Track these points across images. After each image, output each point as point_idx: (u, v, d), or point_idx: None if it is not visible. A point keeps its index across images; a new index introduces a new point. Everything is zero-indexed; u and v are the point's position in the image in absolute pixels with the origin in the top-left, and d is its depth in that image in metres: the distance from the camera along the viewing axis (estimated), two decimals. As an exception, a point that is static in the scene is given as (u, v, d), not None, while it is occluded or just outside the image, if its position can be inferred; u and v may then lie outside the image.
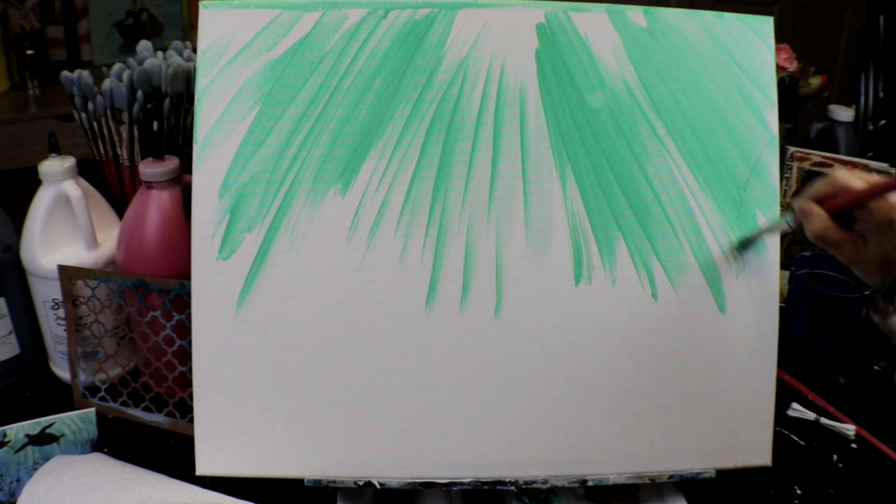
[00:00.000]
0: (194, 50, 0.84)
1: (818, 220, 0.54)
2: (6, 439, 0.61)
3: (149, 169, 0.69)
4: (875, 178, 0.53)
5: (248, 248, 0.61)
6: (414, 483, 0.62)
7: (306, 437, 0.62)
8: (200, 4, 0.62)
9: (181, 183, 0.71)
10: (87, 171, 0.77)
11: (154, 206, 0.70)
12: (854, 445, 0.73)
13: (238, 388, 0.61)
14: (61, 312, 0.73)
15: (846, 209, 0.54)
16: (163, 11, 2.25)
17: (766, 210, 0.65)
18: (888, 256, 0.53)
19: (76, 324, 0.72)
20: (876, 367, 0.84)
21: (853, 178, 0.53)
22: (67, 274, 0.70)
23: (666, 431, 0.64)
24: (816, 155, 0.90)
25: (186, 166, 0.67)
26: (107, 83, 0.80)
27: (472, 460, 0.62)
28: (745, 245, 0.65)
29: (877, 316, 0.54)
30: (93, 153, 0.85)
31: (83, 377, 0.74)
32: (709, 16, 0.67)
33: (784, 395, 0.77)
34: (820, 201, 0.55)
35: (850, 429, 0.74)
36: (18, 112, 1.93)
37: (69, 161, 0.72)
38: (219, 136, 0.61)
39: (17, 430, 0.62)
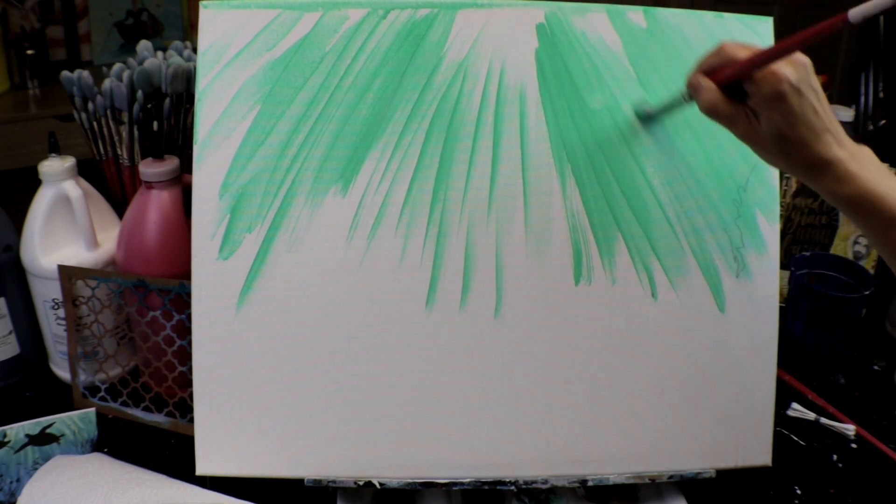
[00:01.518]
0: (194, 50, 0.84)
1: (708, 92, 0.53)
2: (6, 439, 0.61)
3: (149, 169, 0.69)
4: (760, 48, 0.51)
5: (248, 248, 0.61)
6: (414, 483, 0.62)
7: (306, 437, 0.62)
8: (200, 4, 0.62)
9: (181, 183, 0.71)
10: (87, 171, 0.77)
11: (154, 206, 0.70)
12: (854, 445, 0.73)
13: (238, 388, 0.61)
14: (61, 312, 0.73)
15: (735, 81, 0.52)
16: (163, 11, 2.25)
17: (766, 210, 0.65)
18: (781, 132, 0.51)
19: (76, 324, 0.72)
20: (876, 367, 0.84)
21: (740, 48, 0.52)
22: (67, 274, 0.70)
23: (666, 431, 0.64)
24: (816, 155, 0.90)
25: (186, 166, 0.67)
26: (107, 83, 0.80)
27: (472, 460, 0.62)
28: (643, 118, 0.64)
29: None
30: (93, 153, 0.85)
31: (83, 377, 0.74)
32: (708, 16, 0.67)
33: (784, 395, 0.77)
34: (710, 74, 0.54)
35: (850, 429, 0.74)
36: (18, 112, 1.93)
37: (69, 161, 0.72)
38: (219, 136, 0.61)
39: (17, 430, 0.62)
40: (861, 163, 0.52)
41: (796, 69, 0.50)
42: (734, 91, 0.53)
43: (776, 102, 0.50)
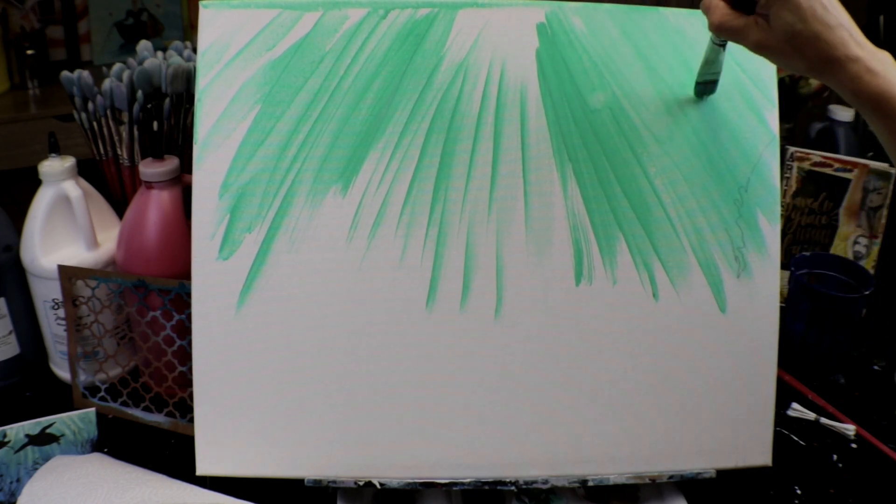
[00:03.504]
0: (194, 50, 0.83)
1: (716, 10, 0.55)
2: (6, 439, 0.61)
3: (149, 169, 0.69)
4: None
5: (248, 248, 0.61)
6: (414, 483, 0.62)
7: (306, 437, 0.62)
8: (200, 4, 0.62)
9: (181, 183, 0.71)
10: (87, 171, 0.77)
11: (154, 206, 0.70)
12: (854, 445, 0.73)
13: (238, 388, 0.61)
14: (61, 312, 0.73)
15: None
16: (163, 11, 2.25)
17: (766, 210, 0.65)
18: (793, 29, 0.51)
19: (76, 324, 0.72)
20: (876, 367, 0.84)
21: None
22: (67, 274, 0.70)
23: (666, 431, 0.64)
24: (816, 155, 0.90)
25: (186, 166, 0.67)
26: (107, 83, 0.80)
27: (472, 460, 0.62)
28: (702, 89, 0.64)
29: None
30: (93, 153, 0.85)
31: (83, 377, 0.74)
32: (709, 16, 0.67)
33: (784, 395, 0.77)
34: None
35: (850, 429, 0.74)
36: (18, 112, 1.93)
37: (69, 161, 0.72)
38: (219, 136, 0.61)
39: (17, 430, 0.62)
40: (883, 63, 0.52)
41: None
42: (744, 5, 0.54)
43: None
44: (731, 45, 0.66)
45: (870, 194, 0.88)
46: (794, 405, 0.77)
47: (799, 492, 0.67)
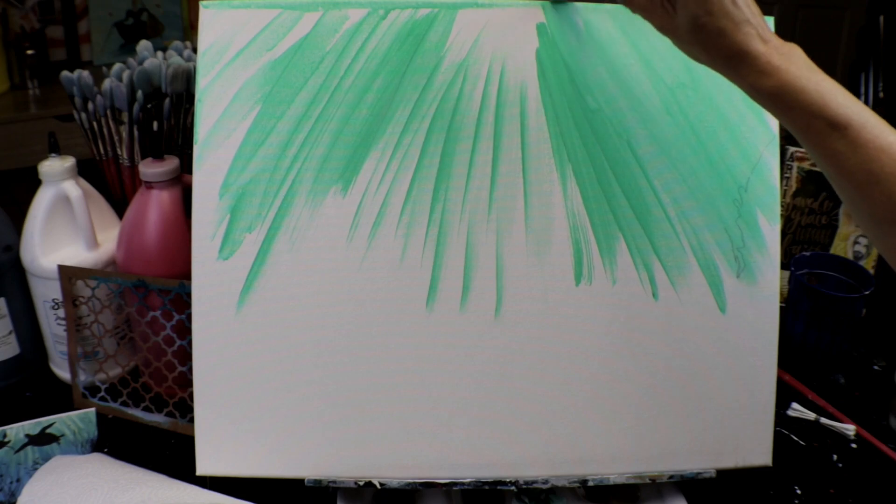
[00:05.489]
0: (194, 50, 0.84)
1: None
2: (6, 439, 0.61)
3: (149, 169, 0.69)
4: None
5: (248, 248, 0.61)
6: (414, 483, 0.62)
7: (306, 437, 0.62)
8: (200, 4, 0.62)
9: (181, 183, 0.71)
10: (87, 171, 0.77)
11: (154, 206, 0.70)
12: (854, 445, 0.73)
13: (238, 388, 0.61)
14: (61, 312, 0.73)
15: None
16: (163, 11, 2.25)
17: (766, 210, 0.65)
18: (698, 20, 0.50)
19: (76, 324, 0.72)
20: (876, 367, 0.84)
21: None
22: (67, 274, 0.70)
23: (666, 431, 0.64)
24: (816, 155, 0.90)
25: (186, 166, 0.67)
26: (107, 83, 0.80)
27: (472, 460, 0.62)
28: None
29: None
30: (93, 153, 0.85)
31: (83, 377, 0.74)
32: (709, 16, 0.67)
33: (784, 395, 0.77)
34: None
35: (850, 429, 0.74)
36: (18, 112, 1.93)
37: (69, 161, 0.72)
38: (219, 136, 0.61)
39: (17, 430, 0.62)
40: (787, 57, 0.50)
41: None
42: None
43: None
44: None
45: (870, 194, 0.88)
46: (794, 405, 0.77)
47: (799, 492, 0.67)
